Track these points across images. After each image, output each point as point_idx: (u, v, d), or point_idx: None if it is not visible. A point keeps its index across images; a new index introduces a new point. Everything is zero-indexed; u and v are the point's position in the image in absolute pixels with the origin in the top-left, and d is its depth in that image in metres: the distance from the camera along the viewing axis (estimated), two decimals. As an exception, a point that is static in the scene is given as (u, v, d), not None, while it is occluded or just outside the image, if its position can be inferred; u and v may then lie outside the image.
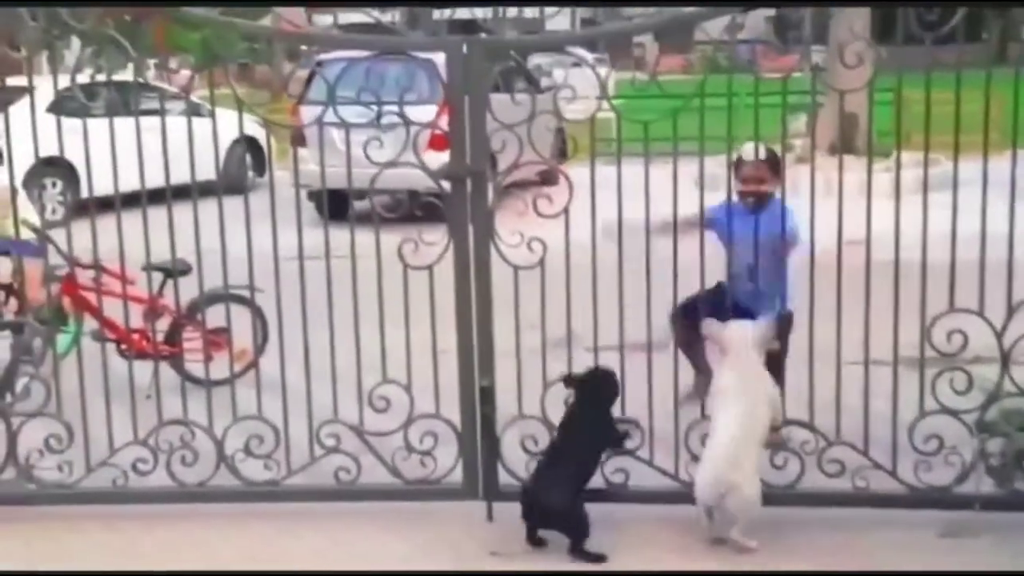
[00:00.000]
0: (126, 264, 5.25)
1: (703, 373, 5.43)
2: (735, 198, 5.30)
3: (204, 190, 4.83)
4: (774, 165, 5.42)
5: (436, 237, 4.83)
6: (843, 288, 4.73)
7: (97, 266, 5.68)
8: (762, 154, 5.41)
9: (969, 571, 3.67)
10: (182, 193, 4.83)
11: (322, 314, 4.91)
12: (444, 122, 4.89)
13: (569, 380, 4.81)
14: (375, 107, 4.81)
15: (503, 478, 4.94)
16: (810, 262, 4.85)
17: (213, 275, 5.13)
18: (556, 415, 4.87)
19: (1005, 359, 4.63)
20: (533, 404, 4.90)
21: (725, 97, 4.71)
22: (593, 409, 4.75)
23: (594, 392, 4.77)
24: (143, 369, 5.77)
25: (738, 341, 4.80)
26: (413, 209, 5.03)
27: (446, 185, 4.85)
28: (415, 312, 4.90)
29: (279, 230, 4.94)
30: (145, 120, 4.82)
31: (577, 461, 4.65)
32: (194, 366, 6.04)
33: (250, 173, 13.44)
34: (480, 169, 4.80)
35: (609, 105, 4.89)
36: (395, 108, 4.83)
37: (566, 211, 4.77)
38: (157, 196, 4.89)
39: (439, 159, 4.86)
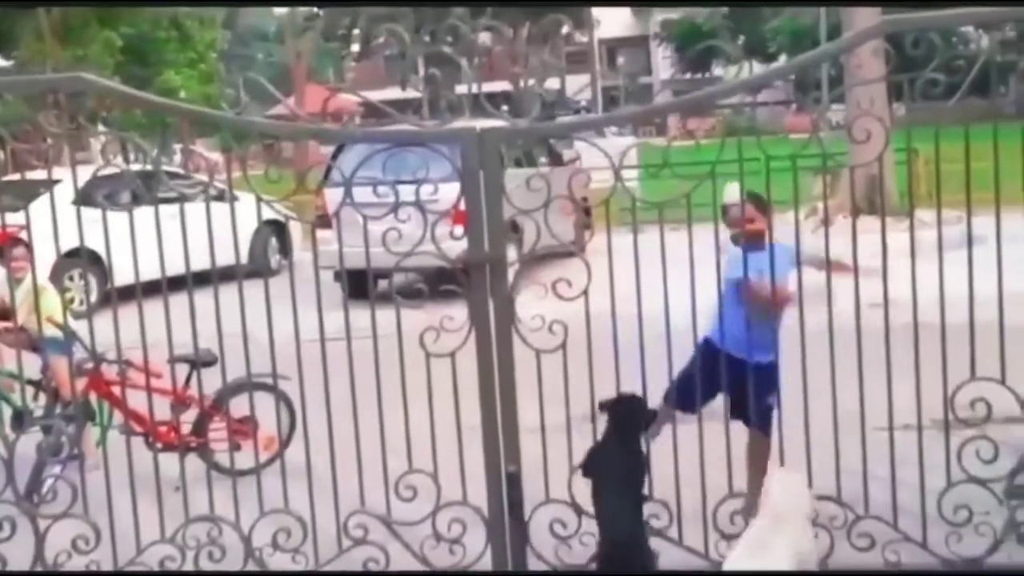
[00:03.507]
0: (152, 355, 5.30)
1: None
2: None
3: (228, 276, 4.88)
4: (760, 204, 5.45)
5: (458, 319, 4.83)
6: (866, 353, 4.71)
7: (122, 361, 5.74)
8: (738, 195, 5.34)
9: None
10: (207, 279, 4.89)
11: (347, 399, 4.93)
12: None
13: (602, 406, 4.83)
14: (395, 192, 4.86)
15: (532, 563, 4.91)
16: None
17: (238, 360, 5.16)
18: (582, 497, 4.86)
19: (1032, 426, 4.61)
20: (560, 486, 4.89)
21: (745, 162, 4.79)
22: (629, 435, 4.77)
23: (628, 418, 4.78)
24: (170, 461, 5.78)
25: (792, 507, 4.46)
26: (432, 294, 5.07)
27: None
28: (439, 394, 4.91)
29: (303, 312, 4.97)
30: (170, 208, 4.89)
31: (636, 498, 4.68)
32: (222, 456, 6.05)
33: (276, 256, 13.60)
34: (499, 255, 4.84)
35: (623, 187, 4.91)
36: (414, 194, 4.87)
37: (585, 293, 4.78)
38: (181, 283, 4.93)
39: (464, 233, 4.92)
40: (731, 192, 5.40)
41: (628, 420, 4.79)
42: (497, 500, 4.91)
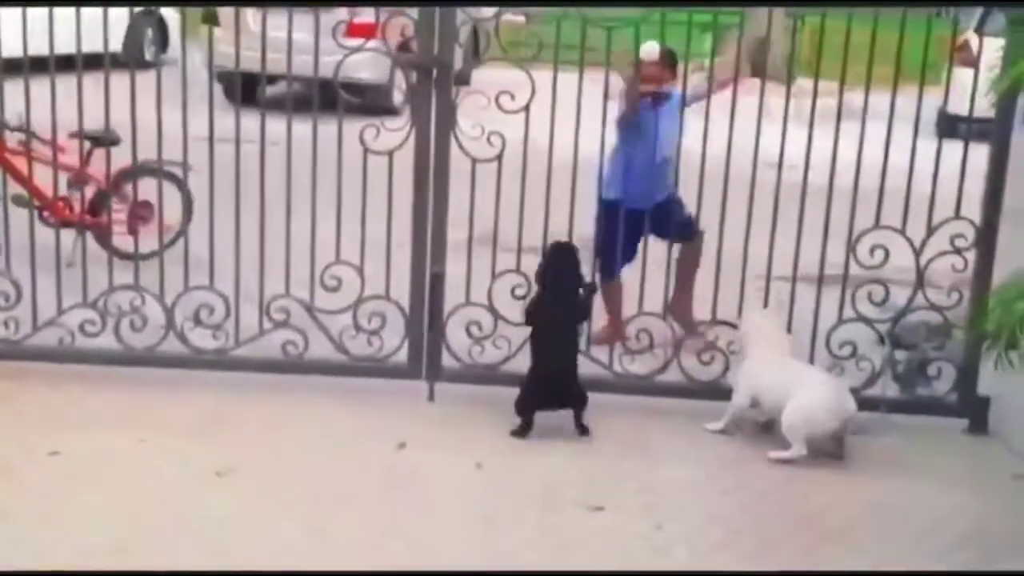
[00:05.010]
0: (48, 132, 5.27)
1: (615, 319, 5.76)
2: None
3: (96, 64, 4.86)
4: (672, 64, 5.69)
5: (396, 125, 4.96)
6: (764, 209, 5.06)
7: (27, 130, 5.62)
8: (657, 53, 5.56)
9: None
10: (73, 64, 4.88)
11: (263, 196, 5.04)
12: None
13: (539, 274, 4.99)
14: None
15: (446, 359, 5.16)
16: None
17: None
18: (502, 305, 5.11)
19: (920, 275, 5.03)
20: (480, 293, 5.13)
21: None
22: (567, 282, 4.95)
23: (564, 266, 4.95)
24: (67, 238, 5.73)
25: (767, 328, 4.96)
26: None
27: (365, 75, 4.98)
28: (371, 202, 5.06)
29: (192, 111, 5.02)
30: None
31: (572, 338, 4.91)
32: (119, 238, 5.98)
33: (152, 48, 13.20)
34: (447, 60, 4.93)
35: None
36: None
37: (527, 108, 4.93)
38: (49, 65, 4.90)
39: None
40: (648, 49, 5.57)
41: (564, 267, 4.95)
42: (419, 298, 5.12)
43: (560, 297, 4.92)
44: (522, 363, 5.05)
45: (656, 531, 4.04)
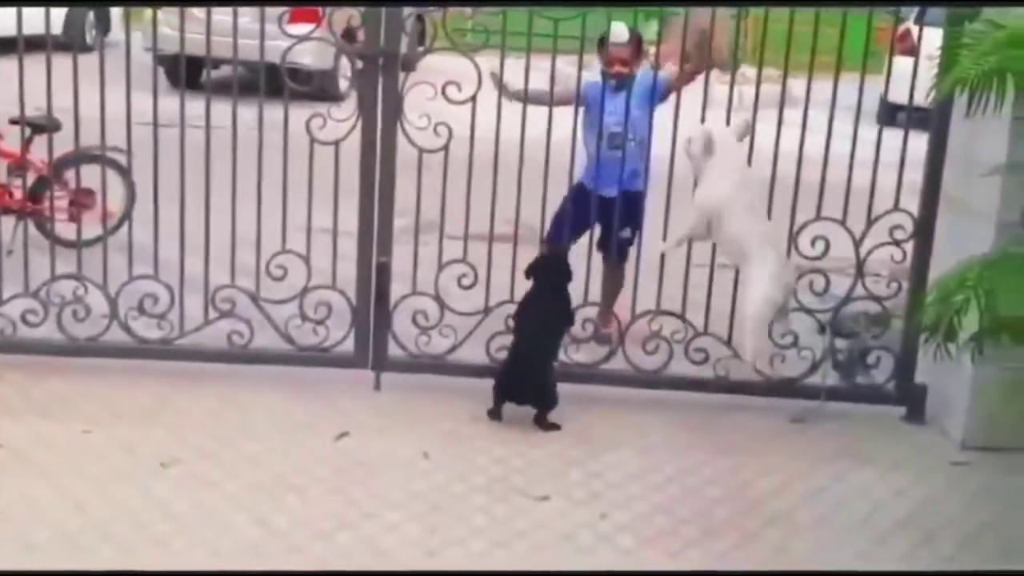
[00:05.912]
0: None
1: None
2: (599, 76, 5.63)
3: (35, 46, 4.80)
4: (637, 46, 5.72)
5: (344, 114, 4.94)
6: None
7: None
8: (628, 35, 5.61)
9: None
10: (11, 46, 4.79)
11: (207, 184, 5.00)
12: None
13: (529, 269, 5.05)
14: None
15: (392, 350, 5.16)
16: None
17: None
18: (448, 295, 5.12)
19: (860, 266, 5.11)
20: (427, 283, 5.13)
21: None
22: (553, 290, 5.00)
23: (551, 275, 5.02)
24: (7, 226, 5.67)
25: (721, 137, 5.02)
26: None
27: (308, 61, 4.95)
28: (320, 188, 5.03)
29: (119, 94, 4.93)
30: None
31: (547, 339, 4.96)
32: (59, 226, 5.91)
33: (92, 32, 13.03)
34: (393, 49, 4.92)
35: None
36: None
37: (474, 99, 4.94)
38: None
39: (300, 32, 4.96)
40: (617, 31, 5.59)
41: (553, 274, 5.02)
42: (365, 288, 5.12)
43: (548, 298, 4.98)
44: (468, 353, 5.09)
45: (601, 520, 4.09)
